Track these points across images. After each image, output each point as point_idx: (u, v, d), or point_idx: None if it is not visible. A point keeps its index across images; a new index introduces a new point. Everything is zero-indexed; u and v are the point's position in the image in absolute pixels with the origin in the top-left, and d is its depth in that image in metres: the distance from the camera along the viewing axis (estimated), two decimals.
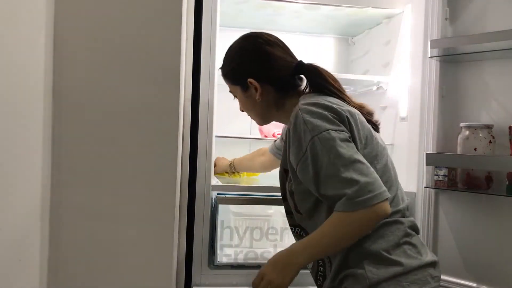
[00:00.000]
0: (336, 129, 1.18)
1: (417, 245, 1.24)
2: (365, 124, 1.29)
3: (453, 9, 1.77)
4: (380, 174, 1.20)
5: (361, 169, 1.13)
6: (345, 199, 1.11)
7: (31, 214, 1.24)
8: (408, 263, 1.18)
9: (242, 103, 1.47)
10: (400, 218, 1.24)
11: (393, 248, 1.19)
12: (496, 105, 1.66)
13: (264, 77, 1.37)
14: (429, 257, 1.23)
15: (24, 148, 1.20)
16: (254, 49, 1.39)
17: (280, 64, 1.37)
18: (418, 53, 1.82)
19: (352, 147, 1.18)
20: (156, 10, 1.35)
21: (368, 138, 1.26)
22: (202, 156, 1.70)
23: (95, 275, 1.35)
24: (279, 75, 1.37)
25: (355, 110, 1.29)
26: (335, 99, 1.29)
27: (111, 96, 1.34)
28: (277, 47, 1.40)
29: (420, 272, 1.19)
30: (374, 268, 1.17)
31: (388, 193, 1.14)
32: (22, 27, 1.16)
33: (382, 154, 1.28)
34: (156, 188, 1.36)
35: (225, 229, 1.78)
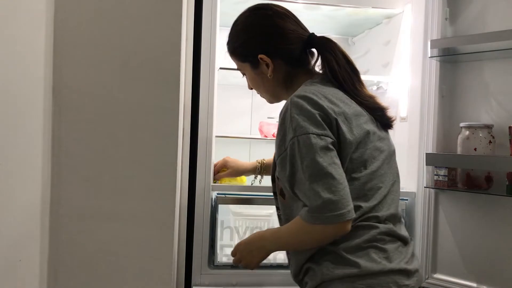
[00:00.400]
0: (319, 134, 1.13)
1: (389, 251, 1.17)
2: (365, 126, 1.22)
3: (453, 9, 1.77)
4: (365, 180, 1.18)
5: (329, 185, 1.10)
6: (307, 211, 1.13)
7: (31, 214, 1.24)
8: (366, 266, 1.14)
9: (252, 81, 1.39)
10: (375, 223, 1.18)
11: (355, 249, 1.16)
12: (496, 105, 1.66)
13: (276, 52, 1.30)
14: (400, 265, 1.17)
15: (24, 148, 1.20)
16: (264, 23, 1.32)
17: (292, 37, 1.30)
18: (418, 53, 1.82)
19: (331, 156, 1.13)
20: (156, 10, 1.35)
21: (361, 142, 1.19)
22: (202, 156, 1.70)
23: (95, 275, 1.35)
24: (291, 49, 1.30)
25: (355, 110, 1.23)
26: (335, 93, 1.23)
27: (111, 96, 1.34)
28: (287, 18, 1.31)
29: (381, 277, 1.14)
30: (331, 265, 1.16)
31: (350, 214, 1.11)
32: (22, 27, 1.16)
33: (375, 158, 1.22)
34: (156, 188, 1.36)
35: (225, 229, 1.78)
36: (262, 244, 1.27)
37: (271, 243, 1.26)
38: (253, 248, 1.28)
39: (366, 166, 1.20)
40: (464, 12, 1.75)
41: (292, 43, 1.30)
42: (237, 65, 1.41)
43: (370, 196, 1.18)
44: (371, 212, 1.18)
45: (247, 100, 2.34)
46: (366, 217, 1.17)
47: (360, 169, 1.19)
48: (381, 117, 1.29)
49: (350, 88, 1.26)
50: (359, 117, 1.22)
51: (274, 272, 1.77)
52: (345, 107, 1.21)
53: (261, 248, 1.27)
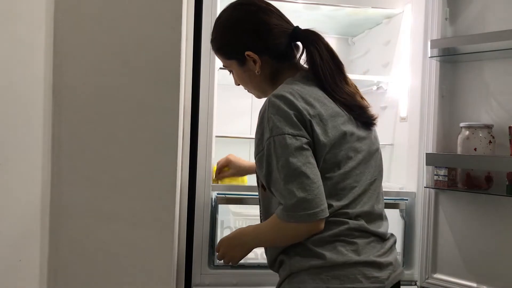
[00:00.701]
0: (295, 134, 1.15)
1: (358, 244, 1.18)
2: (342, 127, 1.21)
3: (453, 9, 1.77)
4: (338, 180, 1.19)
5: (303, 184, 1.13)
6: (282, 209, 1.15)
7: (31, 214, 1.24)
8: (332, 257, 1.16)
9: (239, 77, 1.39)
10: (345, 219, 1.19)
11: (321, 242, 1.18)
12: (496, 105, 1.66)
13: (262, 48, 1.29)
14: (369, 257, 1.18)
15: (24, 148, 1.20)
16: (249, 18, 1.30)
17: (277, 32, 1.28)
18: (418, 53, 1.82)
19: (306, 156, 1.15)
20: (156, 10, 1.35)
21: (336, 144, 1.19)
22: (202, 156, 1.70)
23: (95, 275, 1.35)
24: (277, 44, 1.28)
25: (333, 111, 1.22)
26: (313, 92, 1.22)
27: (111, 96, 1.34)
28: (271, 13, 1.30)
29: (348, 269, 1.16)
30: (298, 257, 1.19)
31: (324, 213, 1.14)
32: (22, 26, 1.16)
33: (351, 159, 1.22)
34: (156, 188, 1.36)
35: (225, 229, 1.78)
36: (244, 240, 1.31)
37: (252, 240, 1.30)
38: (236, 244, 1.32)
39: (339, 167, 1.21)
40: (464, 12, 1.75)
41: (277, 37, 1.29)
42: (223, 62, 1.40)
43: (343, 196, 1.20)
44: (341, 210, 1.20)
45: (247, 100, 2.34)
46: (335, 214, 1.19)
47: (334, 169, 1.20)
48: (359, 115, 1.28)
49: (330, 85, 1.25)
50: (335, 118, 1.22)
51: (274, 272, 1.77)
52: (322, 107, 1.20)
53: (243, 244, 1.31)
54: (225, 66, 1.41)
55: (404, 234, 1.82)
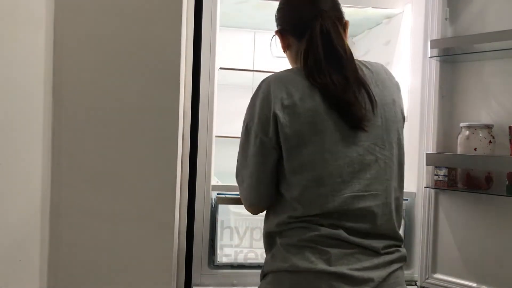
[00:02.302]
0: (255, 129, 1.21)
1: (331, 254, 1.11)
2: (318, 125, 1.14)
3: (453, 9, 1.77)
4: (308, 184, 1.14)
5: (244, 176, 1.28)
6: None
7: (31, 214, 1.24)
8: (297, 263, 1.12)
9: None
10: (316, 225, 1.14)
11: (291, 246, 1.16)
12: (496, 105, 1.66)
13: (282, 27, 1.32)
14: (341, 269, 1.10)
15: (24, 148, 1.20)
16: (280, 2, 1.34)
17: (299, 14, 1.27)
18: (418, 53, 1.82)
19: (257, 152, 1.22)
20: (156, 10, 1.35)
21: (306, 140, 1.14)
22: (202, 156, 1.70)
23: (95, 275, 1.35)
24: (297, 25, 1.26)
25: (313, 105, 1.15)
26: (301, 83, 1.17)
27: (111, 96, 1.34)
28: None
29: (311, 277, 1.11)
30: (272, 258, 1.21)
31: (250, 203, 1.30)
32: (22, 27, 1.16)
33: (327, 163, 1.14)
34: (156, 188, 1.36)
35: (225, 229, 1.78)
36: None
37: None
38: None
39: (310, 170, 1.20)
40: (464, 12, 1.75)
41: (297, 19, 1.27)
42: None
43: (315, 205, 1.18)
44: (311, 217, 1.17)
45: (247, 100, 2.33)
46: (305, 220, 1.17)
47: (303, 172, 1.20)
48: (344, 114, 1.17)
49: (310, 71, 1.18)
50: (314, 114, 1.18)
51: None
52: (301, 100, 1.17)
53: None
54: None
55: (404, 234, 1.82)
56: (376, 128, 1.18)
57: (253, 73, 2.14)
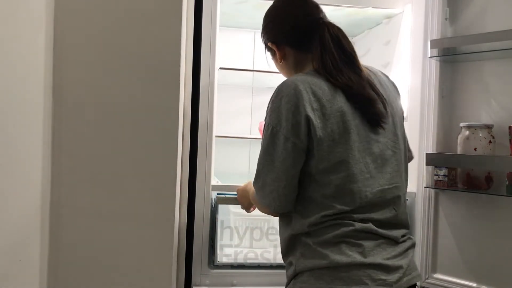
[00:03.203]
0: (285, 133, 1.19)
1: (365, 246, 1.17)
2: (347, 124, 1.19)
3: (453, 9, 1.77)
4: (342, 182, 1.19)
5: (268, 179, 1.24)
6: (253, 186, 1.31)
7: (31, 214, 1.24)
8: (335, 258, 1.16)
9: (276, 67, 1.44)
10: (350, 221, 1.19)
11: (326, 243, 1.18)
12: (496, 105, 1.66)
13: (278, 38, 1.35)
14: (376, 260, 1.16)
15: (24, 148, 1.20)
16: (269, 13, 1.39)
17: (294, 23, 1.32)
18: (418, 53, 1.82)
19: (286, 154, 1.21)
20: (156, 10, 1.35)
21: (338, 141, 1.19)
22: (202, 156, 1.70)
23: (95, 275, 1.35)
24: (294, 34, 1.33)
25: (340, 106, 1.20)
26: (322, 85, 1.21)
27: (111, 96, 1.34)
28: (292, 5, 1.35)
29: (352, 271, 1.15)
30: (302, 257, 1.21)
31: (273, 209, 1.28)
32: (22, 27, 1.16)
33: (358, 160, 1.20)
34: (156, 188, 1.36)
35: (225, 229, 1.78)
36: (246, 194, 1.55)
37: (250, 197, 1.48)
38: (243, 195, 1.58)
39: (343, 168, 1.23)
40: (464, 12, 1.75)
41: (294, 28, 1.33)
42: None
43: (349, 200, 1.22)
44: (345, 214, 1.20)
45: (247, 100, 2.34)
46: (340, 216, 1.20)
47: (337, 170, 1.23)
48: (366, 112, 1.25)
49: (330, 71, 1.24)
50: (343, 115, 1.23)
51: (274, 272, 1.77)
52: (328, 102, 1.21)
53: (247, 198, 1.56)
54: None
55: None
56: (389, 125, 1.27)
57: (253, 73, 2.14)
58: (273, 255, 1.80)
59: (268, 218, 1.86)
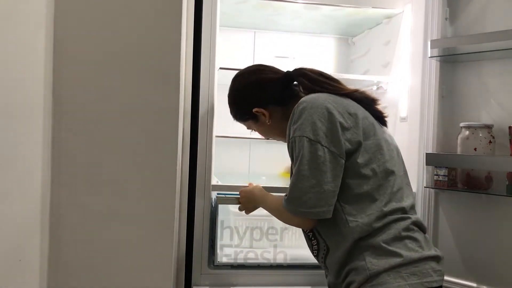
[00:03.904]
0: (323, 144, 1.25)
1: (419, 240, 1.26)
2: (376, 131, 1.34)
3: (453, 9, 1.77)
4: (392, 184, 1.28)
5: (308, 186, 1.25)
6: (285, 199, 1.31)
7: (31, 214, 1.24)
8: (407, 255, 1.21)
9: (261, 132, 1.57)
10: (402, 215, 1.27)
11: (393, 240, 1.23)
12: (496, 105, 1.66)
13: (265, 101, 1.47)
14: (431, 252, 1.26)
15: (24, 148, 1.20)
16: (244, 84, 1.52)
17: (271, 83, 1.47)
18: (418, 53, 1.82)
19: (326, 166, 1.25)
20: (156, 10, 1.35)
21: (370, 139, 1.31)
22: (202, 156, 1.70)
23: (95, 275, 1.35)
24: (275, 92, 1.46)
25: (364, 111, 1.34)
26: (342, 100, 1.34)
27: (111, 96, 1.34)
28: (259, 72, 1.51)
29: (421, 265, 1.22)
30: (375, 259, 1.22)
31: (314, 215, 1.25)
32: (22, 27, 1.16)
33: (391, 157, 1.33)
34: (156, 188, 1.36)
35: (225, 229, 1.78)
36: (257, 202, 1.56)
37: (262, 204, 1.53)
38: (251, 201, 1.58)
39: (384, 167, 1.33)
40: (464, 12, 1.75)
41: (272, 87, 1.47)
42: (245, 125, 1.59)
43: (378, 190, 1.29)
44: (392, 204, 1.27)
45: None
46: (391, 212, 1.26)
47: (389, 175, 1.32)
48: (374, 110, 1.41)
49: (331, 90, 1.38)
50: (373, 124, 1.37)
51: (274, 272, 1.77)
52: (358, 111, 1.36)
53: (255, 204, 1.57)
54: (248, 128, 1.61)
55: None
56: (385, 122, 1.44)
57: None
58: (273, 255, 1.80)
59: (269, 218, 1.86)
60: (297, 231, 1.82)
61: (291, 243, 1.84)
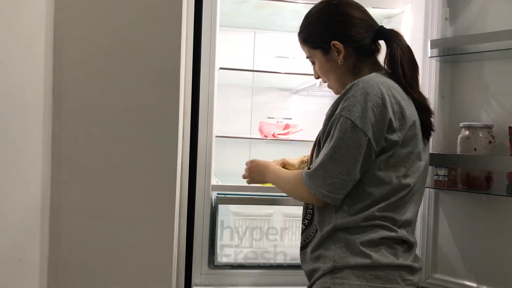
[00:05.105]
0: (362, 129, 1.21)
1: (398, 249, 1.26)
2: (415, 130, 1.29)
3: (453, 9, 1.77)
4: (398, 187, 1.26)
5: (334, 169, 1.23)
6: (306, 172, 1.27)
7: (31, 214, 1.24)
8: (377, 259, 1.22)
9: (322, 68, 1.43)
10: (393, 226, 1.26)
11: (369, 243, 1.24)
12: (496, 105, 1.66)
13: (347, 39, 1.36)
14: (407, 262, 1.26)
15: (24, 148, 1.20)
16: (338, 11, 1.38)
17: (363, 27, 1.37)
18: (418, 53, 1.82)
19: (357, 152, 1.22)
20: (156, 10, 1.35)
21: (407, 143, 1.27)
22: (202, 156, 1.70)
23: (95, 275, 1.35)
24: (362, 38, 1.36)
25: (413, 111, 1.29)
26: (398, 89, 1.28)
27: (111, 96, 1.34)
28: (358, 9, 1.39)
29: (389, 271, 1.23)
30: (344, 254, 1.24)
31: (331, 199, 1.24)
32: (22, 27, 1.16)
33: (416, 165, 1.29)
34: (156, 188, 1.36)
35: (225, 229, 1.78)
36: (266, 173, 1.50)
37: (272, 177, 1.48)
38: (260, 171, 1.52)
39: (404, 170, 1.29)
40: (464, 12, 1.75)
41: (361, 31, 1.36)
42: (308, 52, 1.45)
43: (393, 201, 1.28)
44: (387, 213, 1.26)
45: (247, 100, 2.34)
46: (382, 218, 1.25)
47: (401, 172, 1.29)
48: (425, 119, 1.35)
49: (407, 80, 1.31)
50: (415, 121, 1.31)
51: (274, 272, 1.77)
52: (406, 106, 1.28)
53: (264, 176, 1.51)
54: (308, 57, 1.47)
55: None
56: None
57: (253, 73, 2.14)
58: (273, 255, 1.80)
59: (269, 218, 1.86)
60: (297, 231, 1.82)
61: (291, 243, 1.84)
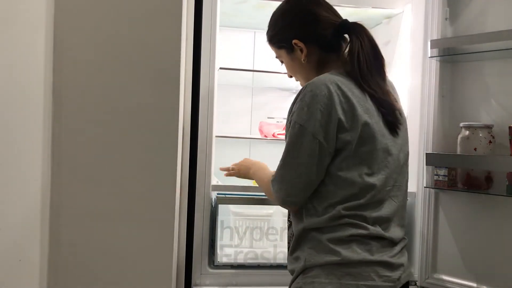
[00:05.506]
0: (314, 132, 1.20)
1: (372, 245, 1.22)
2: (374, 126, 1.23)
3: (453, 9, 1.77)
4: (362, 180, 1.22)
5: (288, 175, 1.25)
6: (271, 180, 1.30)
7: (31, 214, 1.24)
8: (347, 256, 1.20)
9: (289, 66, 1.43)
10: (363, 223, 1.23)
11: (339, 240, 1.22)
12: (496, 105, 1.66)
13: (309, 37, 1.34)
14: (383, 258, 1.22)
15: (24, 148, 1.20)
16: (298, 9, 1.36)
17: (325, 23, 1.34)
18: (418, 53, 1.82)
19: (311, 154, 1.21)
20: (156, 10, 1.35)
21: (364, 141, 1.22)
22: (202, 156, 1.70)
23: (94, 275, 1.35)
24: (324, 34, 1.33)
25: (367, 107, 1.23)
26: (352, 87, 1.24)
27: (111, 96, 1.34)
28: (319, 5, 1.36)
29: (361, 267, 1.20)
30: (314, 252, 1.23)
31: (288, 204, 1.28)
32: (22, 27, 1.17)
33: (381, 161, 1.25)
34: (156, 188, 1.36)
35: (225, 229, 1.78)
36: (252, 173, 1.58)
37: (256, 178, 1.56)
38: (248, 169, 1.60)
39: (368, 167, 1.25)
40: (464, 12, 1.75)
41: (324, 28, 1.33)
42: (275, 52, 1.44)
43: (361, 196, 1.24)
44: (358, 211, 1.23)
45: (247, 100, 2.34)
46: (353, 216, 1.22)
47: (361, 168, 1.25)
48: (387, 114, 1.29)
49: (363, 74, 1.27)
50: (370, 116, 1.26)
51: (274, 272, 1.77)
52: (358, 103, 1.24)
53: (250, 175, 1.59)
54: (276, 57, 1.46)
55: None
56: (404, 131, 1.33)
57: (253, 73, 2.14)
58: (273, 255, 1.80)
59: (268, 218, 1.86)
60: None
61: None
